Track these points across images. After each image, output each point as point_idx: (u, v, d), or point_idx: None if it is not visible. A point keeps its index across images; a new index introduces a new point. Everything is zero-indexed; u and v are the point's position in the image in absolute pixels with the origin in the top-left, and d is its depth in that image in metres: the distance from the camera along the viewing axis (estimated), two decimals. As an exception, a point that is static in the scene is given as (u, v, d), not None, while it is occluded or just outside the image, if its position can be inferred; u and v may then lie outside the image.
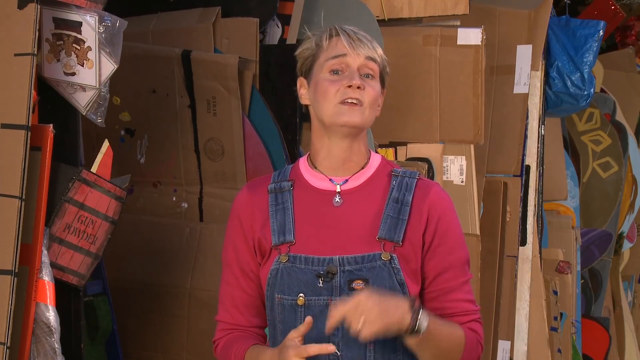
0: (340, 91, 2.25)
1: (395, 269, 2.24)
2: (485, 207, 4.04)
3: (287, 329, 2.23)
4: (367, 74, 2.28)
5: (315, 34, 2.33)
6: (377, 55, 2.29)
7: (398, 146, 3.76)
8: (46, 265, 2.50)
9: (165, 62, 3.36)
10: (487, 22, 3.88)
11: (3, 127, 2.41)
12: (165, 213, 3.46)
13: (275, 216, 2.30)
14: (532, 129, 4.24)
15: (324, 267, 2.23)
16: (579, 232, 5.09)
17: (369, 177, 2.31)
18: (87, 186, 2.61)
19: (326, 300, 2.23)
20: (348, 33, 2.29)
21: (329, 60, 2.28)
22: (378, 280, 2.23)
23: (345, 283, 2.23)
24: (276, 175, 2.36)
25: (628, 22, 6.42)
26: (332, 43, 2.29)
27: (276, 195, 2.32)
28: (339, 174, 2.31)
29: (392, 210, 2.27)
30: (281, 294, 2.25)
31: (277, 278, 2.26)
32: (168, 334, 3.40)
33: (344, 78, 2.26)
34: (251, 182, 2.42)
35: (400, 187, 2.30)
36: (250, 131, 3.29)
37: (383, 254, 2.24)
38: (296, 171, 2.35)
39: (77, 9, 2.54)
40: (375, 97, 2.28)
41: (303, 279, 2.24)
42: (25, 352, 2.46)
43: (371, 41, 2.30)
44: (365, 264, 2.24)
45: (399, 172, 2.32)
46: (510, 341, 4.19)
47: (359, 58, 2.27)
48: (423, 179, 2.34)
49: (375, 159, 2.34)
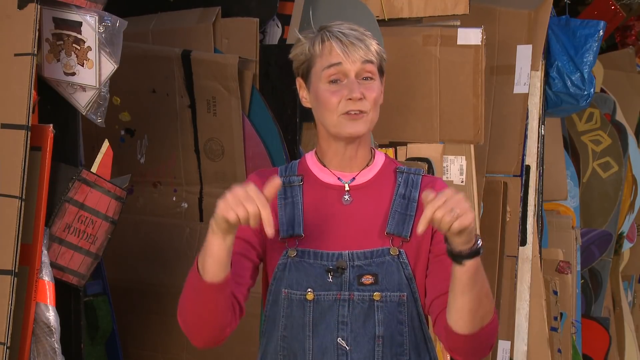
0: (342, 103, 2.24)
1: (403, 263, 2.25)
2: (485, 207, 4.04)
3: (293, 324, 2.24)
4: (366, 77, 2.27)
5: (307, 37, 2.30)
6: (372, 55, 2.27)
7: (398, 146, 3.76)
8: (46, 265, 2.50)
9: (165, 62, 3.36)
10: (487, 22, 3.87)
11: (3, 127, 2.41)
12: (165, 213, 3.46)
13: (284, 209, 2.29)
14: (532, 129, 4.24)
15: (334, 262, 2.23)
16: (579, 232, 5.09)
17: (375, 174, 2.33)
18: (87, 186, 2.61)
19: (335, 295, 2.23)
20: (339, 38, 2.25)
21: (325, 69, 2.25)
22: (387, 275, 2.24)
23: (354, 278, 2.24)
24: (283, 170, 2.36)
25: (628, 22, 6.42)
26: (325, 49, 2.26)
27: (285, 189, 2.31)
28: (346, 170, 2.32)
29: (399, 206, 2.28)
30: (289, 289, 2.25)
31: (284, 272, 2.25)
32: (168, 334, 3.40)
33: (343, 88, 2.24)
34: (260, 171, 2.38)
35: (406, 183, 2.31)
36: (250, 131, 3.29)
37: (391, 249, 2.25)
38: (304, 166, 2.35)
39: (77, 9, 2.54)
40: (378, 97, 2.28)
41: (312, 273, 2.24)
42: (25, 352, 2.46)
43: (363, 40, 2.26)
44: (375, 258, 2.25)
45: (404, 169, 2.34)
46: (510, 341, 4.19)
47: (355, 64, 2.24)
48: (427, 175, 2.35)
49: (380, 156, 2.36)
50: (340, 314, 2.23)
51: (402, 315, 2.25)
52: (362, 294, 2.24)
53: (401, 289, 2.25)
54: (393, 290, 2.25)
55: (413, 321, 2.28)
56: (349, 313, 2.22)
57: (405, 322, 2.26)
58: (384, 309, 2.24)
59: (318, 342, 2.23)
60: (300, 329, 2.24)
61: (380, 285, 2.24)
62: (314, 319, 2.24)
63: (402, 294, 2.25)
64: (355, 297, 2.24)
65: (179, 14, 3.52)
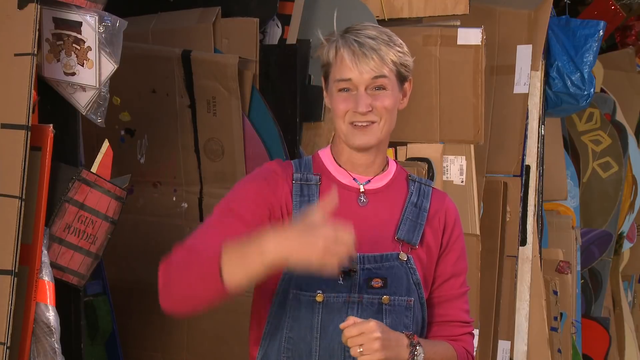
0: (349, 114, 2.25)
1: (411, 269, 2.27)
2: (485, 207, 4.04)
3: (300, 325, 2.24)
4: (379, 87, 2.26)
5: (329, 40, 2.28)
6: (386, 67, 2.24)
7: (398, 146, 3.76)
8: (46, 265, 2.50)
9: (165, 62, 3.36)
10: (487, 22, 3.87)
11: (3, 127, 2.41)
12: (165, 213, 3.46)
13: (299, 207, 2.28)
14: (532, 129, 4.24)
15: (346, 264, 2.23)
16: (579, 232, 5.09)
17: (390, 179, 2.35)
18: (87, 186, 2.61)
19: (344, 298, 2.24)
20: (352, 47, 2.22)
21: (336, 82, 2.26)
22: (396, 280, 2.26)
23: (364, 281, 2.25)
24: (298, 165, 2.34)
25: (628, 22, 6.42)
26: (338, 59, 2.25)
27: (302, 186, 2.30)
28: (362, 173, 2.33)
29: (411, 213, 2.31)
30: (298, 290, 2.25)
31: (294, 273, 2.25)
32: (168, 334, 3.40)
33: (352, 97, 2.24)
34: (279, 160, 2.37)
35: (419, 192, 2.35)
36: (250, 131, 3.29)
37: (401, 254, 2.27)
38: (319, 164, 2.35)
39: (77, 9, 2.54)
40: (390, 107, 2.26)
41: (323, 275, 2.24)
42: (25, 352, 2.46)
43: (378, 49, 2.23)
44: (384, 262, 2.26)
45: (416, 178, 2.37)
46: (510, 341, 4.19)
47: (364, 78, 2.23)
48: (437, 189, 2.40)
49: (392, 163, 2.38)
50: (349, 316, 2.23)
51: (407, 320, 2.27)
52: (372, 297, 2.24)
53: (409, 294, 2.27)
54: (401, 295, 2.26)
55: (417, 326, 2.29)
56: (357, 316, 2.22)
57: (410, 326, 2.27)
58: (391, 313, 2.25)
59: (325, 344, 2.23)
60: (308, 331, 2.24)
61: (389, 289, 2.25)
62: (322, 321, 2.24)
63: (409, 299, 2.26)
64: (364, 300, 2.24)
65: (179, 14, 3.52)
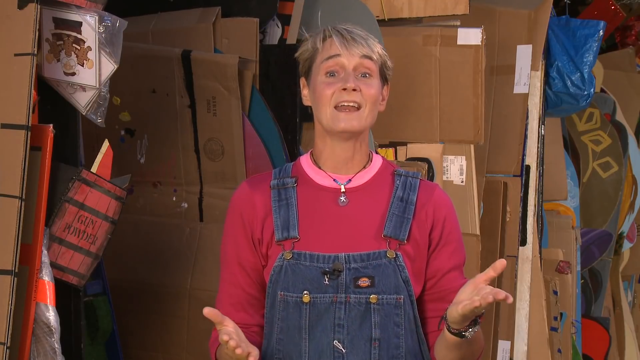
0: (336, 94, 2.25)
1: (400, 266, 2.25)
2: (485, 207, 4.04)
3: (288, 326, 2.24)
4: (364, 73, 2.27)
5: (312, 35, 2.33)
6: (373, 53, 2.28)
7: (398, 146, 3.76)
8: (46, 265, 2.50)
9: (165, 62, 3.36)
10: (487, 22, 3.87)
11: (3, 127, 2.41)
12: (165, 213, 3.46)
13: (278, 212, 2.29)
14: (532, 129, 4.23)
15: (330, 265, 2.23)
16: (579, 232, 5.08)
17: (373, 176, 2.33)
18: (87, 186, 2.61)
19: (331, 298, 2.23)
20: (341, 33, 2.28)
21: (324, 61, 2.27)
22: (384, 278, 2.24)
23: (351, 281, 2.24)
24: (277, 172, 2.36)
25: (628, 22, 6.42)
26: (326, 44, 2.28)
27: (279, 191, 2.31)
28: (342, 172, 2.31)
29: (397, 208, 2.28)
30: (285, 291, 2.25)
31: (280, 275, 2.25)
32: (168, 334, 3.40)
33: (339, 80, 2.26)
34: (251, 178, 2.41)
35: (404, 186, 2.31)
36: (250, 131, 3.29)
37: (388, 252, 2.25)
38: (298, 168, 2.35)
39: (77, 9, 2.54)
40: (375, 96, 2.27)
41: (308, 276, 2.24)
42: (25, 352, 2.46)
43: (366, 39, 2.28)
44: (371, 261, 2.25)
45: (402, 172, 2.34)
46: (510, 341, 4.19)
47: (354, 58, 2.26)
48: (424, 180, 2.36)
49: (377, 159, 2.36)
50: (336, 316, 2.23)
51: (398, 318, 2.25)
52: (359, 297, 2.24)
53: (398, 292, 2.25)
54: (390, 293, 2.25)
55: (410, 324, 2.28)
56: (345, 316, 2.22)
57: (401, 324, 2.26)
58: (380, 312, 2.24)
59: (314, 345, 2.23)
60: (297, 332, 2.24)
61: (377, 288, 2.24)
62: (310, 322, 2.23)
63: (398, 297, 2.25)
64: (351, 299, 2.23)
65: (179, 14, 3.52)
